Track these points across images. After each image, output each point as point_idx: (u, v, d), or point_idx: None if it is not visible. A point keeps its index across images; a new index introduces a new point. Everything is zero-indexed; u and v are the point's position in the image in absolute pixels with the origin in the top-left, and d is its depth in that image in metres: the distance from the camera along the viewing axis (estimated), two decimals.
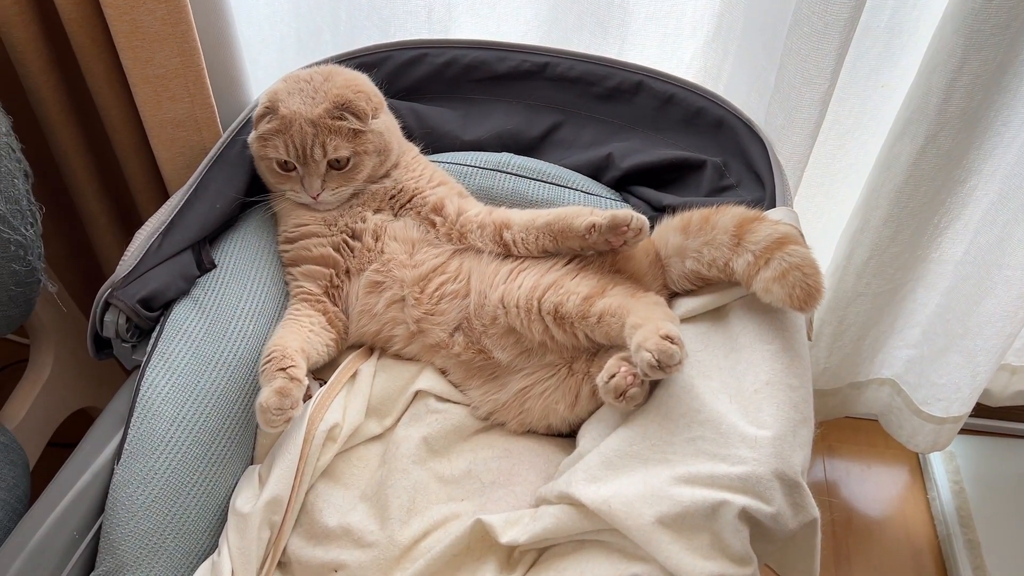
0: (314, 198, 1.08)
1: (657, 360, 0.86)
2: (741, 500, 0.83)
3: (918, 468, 1.80)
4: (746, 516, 0.84)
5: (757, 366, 0.93)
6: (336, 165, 1.07)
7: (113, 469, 0.92)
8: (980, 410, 1.69)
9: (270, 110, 1.05)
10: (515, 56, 1.27)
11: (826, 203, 1.45)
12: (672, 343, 0.87)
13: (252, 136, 1.10)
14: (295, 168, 1.07)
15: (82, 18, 1.13)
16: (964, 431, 1.70)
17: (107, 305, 1.00)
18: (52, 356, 1.37)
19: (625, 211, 0.99)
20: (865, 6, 1.13)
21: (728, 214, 1.00)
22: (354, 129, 1.06)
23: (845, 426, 1.86)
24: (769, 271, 0.93)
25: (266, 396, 0.95)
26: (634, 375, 0.91)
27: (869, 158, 1.34)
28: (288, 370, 0.98)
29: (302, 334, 1.05)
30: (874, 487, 1.78)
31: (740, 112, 1.17)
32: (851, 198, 1.41)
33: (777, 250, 0.93)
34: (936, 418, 1.56)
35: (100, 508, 0.92)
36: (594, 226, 0.99)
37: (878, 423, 1.75)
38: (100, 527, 0.91)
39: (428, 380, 1.07)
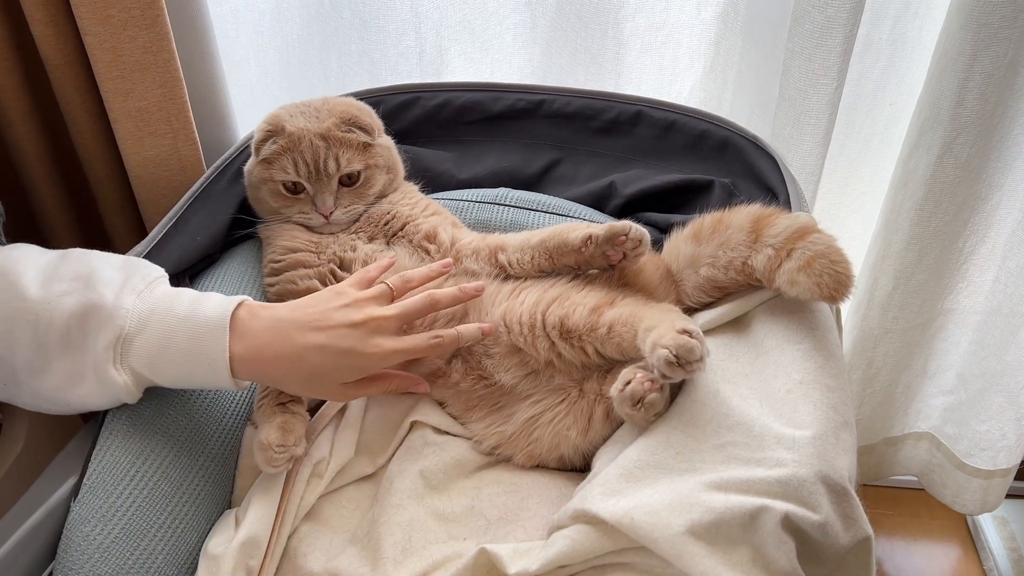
0: (326, 217, 1.03)
1: (675, 355, 0.78)
2: (783, 506, 0.73)
3: (969, 538, 1.65)
4: (790, 526, 0.73)
5: (787, 367, 0.85)
6: (347, 181, 1.04)
7: (69, 507, 0.81)
8: None
9: (273, 132, 1.02)
10: (510, 95, 1.24)
11: (841, 236, 1.37)
12: (691, 337, 0.79)
13: (252, 162, 1.05)
14: (303, 189, 1.03)
15: (65, 64, 1.11)
16: (1014, 495, 1.57)
17: None
18: (25, 430, 1.28)
19: (623, 221, 0.93)
20: (865, 19, 1.11)
21: (742, 212, 0.94)
22: (364, 142, 1.03)
23: (884, 497, 1.73)
24: (793, 261, 0.87)
25: (267, 432, 0.88)
26: (651, 380, 0.82)
27: (882, 184, 1.28)
28: (288, 405, 0.92)
29: None
30: (923, 562, 1.63)
31: (744, 130, 1.12)
32: (867, 232, 1.35)
33: (800, 240, 0.88)
34: (982, 471, 1.43)
35: (53, 552, 0.80)
36: (590, 238, 0.93)
37: (919, 493, 1.62)
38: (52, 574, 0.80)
39: (425, 411, 0.97)
